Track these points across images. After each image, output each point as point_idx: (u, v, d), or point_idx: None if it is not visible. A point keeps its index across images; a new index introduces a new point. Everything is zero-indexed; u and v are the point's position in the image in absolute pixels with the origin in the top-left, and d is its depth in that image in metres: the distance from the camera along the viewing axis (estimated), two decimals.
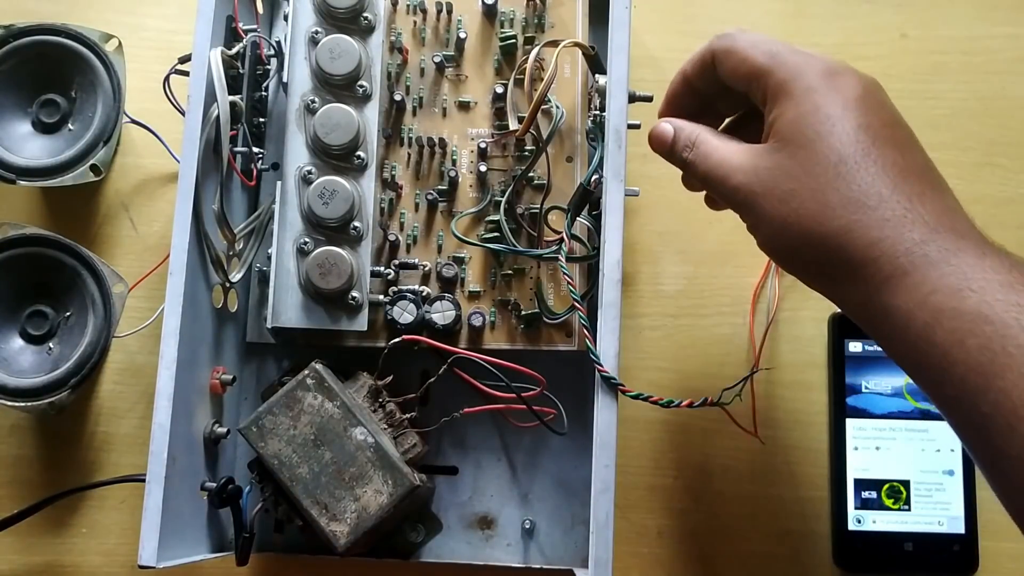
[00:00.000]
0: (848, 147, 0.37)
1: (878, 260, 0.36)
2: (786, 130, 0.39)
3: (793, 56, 0.40)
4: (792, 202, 0.38)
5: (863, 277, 0.36)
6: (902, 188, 0.36)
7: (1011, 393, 0.32)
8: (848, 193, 0.37)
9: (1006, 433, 0.32)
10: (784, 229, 0.39)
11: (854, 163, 0.37)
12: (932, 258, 0.35)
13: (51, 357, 0.54)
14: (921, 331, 0.34)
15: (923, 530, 0.53)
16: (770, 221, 0.39)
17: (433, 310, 0.51)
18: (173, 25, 0.60)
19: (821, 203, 0.37)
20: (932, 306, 0.34)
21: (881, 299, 0.36)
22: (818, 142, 0.38)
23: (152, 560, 0.44)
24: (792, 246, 0.39)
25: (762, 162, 0.40)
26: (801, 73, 0.39)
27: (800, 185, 0.38)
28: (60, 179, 0.54)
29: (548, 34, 0.53)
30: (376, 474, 0.47)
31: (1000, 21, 0.59)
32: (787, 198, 0.38)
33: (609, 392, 0.44)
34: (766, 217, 0.39)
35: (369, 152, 0.51)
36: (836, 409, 0.55)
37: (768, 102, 0.40)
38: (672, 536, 0.55)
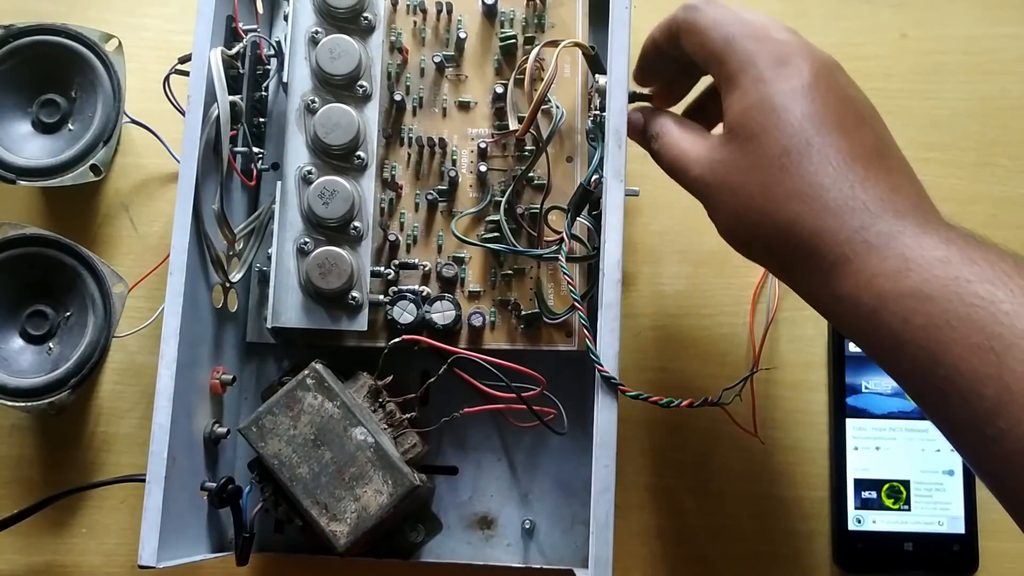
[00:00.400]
0: (791, 139, 0.38)
1: (821, 250, 0.37)
2: (735, 122, 0.40)
3: (746, 43, 0.40)
4: (741, 195, 0.40)
5: (810, 267, 0.38)
6: (844, 175, 0.37)
7: (959, 366, 0.33)
8: (791, 186, 0.38)
9: (960, 405, 0.33)
10: (737, 221, 0.40)
11: (796, 155, 0.38)
12: (872, 243, 0.36)
13: (51, 357, 0.54)
14: (869, 315, 0.35)
15: (923, 530, 0.53)
16: (724, 212, 0.41)
17: (433, 310, 0.51)
18: (173, 25, 0.60)
19: (767, 196, 0.38)
20: (876, 290, 0.35)
21: (829, 287, 0.37)
22: (762, 136, 0.39)
23: (152, 560, 0.44)
24: (746, 237, 0.41)
25: (715, 155, 0.41)
26: (751, 63, 0.40)
27: (747, 179, 0.39)
28: (60, 179, 0.54)
29: (548, 34, 0.53)
30: (376, 474, 0.47)
31: (1000, 21, 0.59)
32: (736, 191, 0.40)
33: (609, 392, 0.44)
34: (720, 208, 0.41)
35: (369, 152, 0.51)
36: (836, 409, 0.55)
37: (721, 89, 0.41)
38: (672, 536, 0.55)
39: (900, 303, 0.34)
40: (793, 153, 0.38)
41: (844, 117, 0.39)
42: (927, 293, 0.34)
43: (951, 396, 0.33)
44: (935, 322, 0.33)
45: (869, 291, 0.35)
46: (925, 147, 0.58)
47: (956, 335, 0.33)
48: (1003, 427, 0.32)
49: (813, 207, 0.37)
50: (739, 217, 0.40)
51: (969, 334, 0.32)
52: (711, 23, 0.41)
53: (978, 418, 0.33)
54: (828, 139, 0.38)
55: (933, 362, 0.33)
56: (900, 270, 0.35)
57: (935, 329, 0.33)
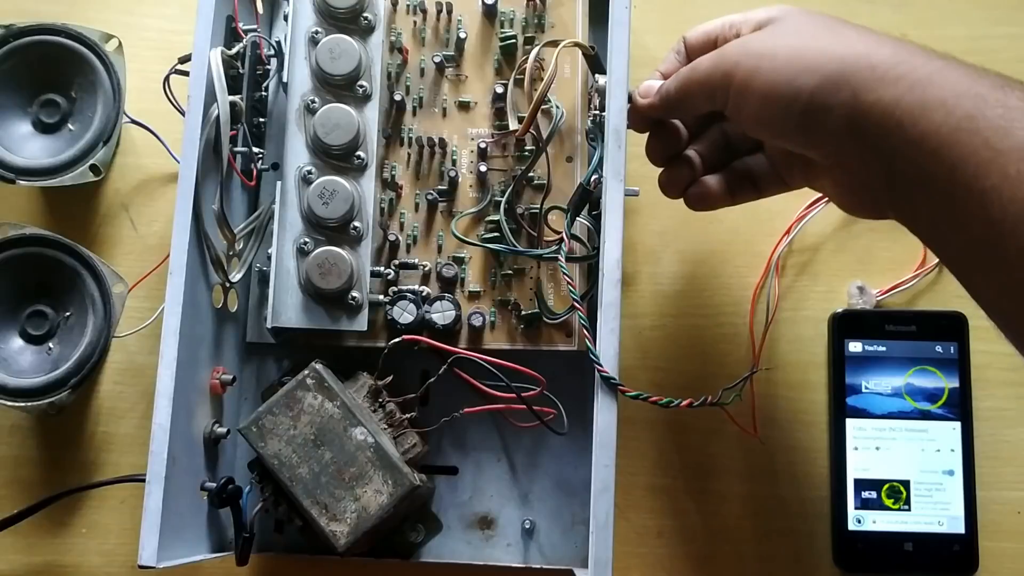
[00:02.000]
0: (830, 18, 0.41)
1: (909, 61, 0.37)
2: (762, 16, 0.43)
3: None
4: (798, 35, 0.41)
5: (895, 76, 0.37)
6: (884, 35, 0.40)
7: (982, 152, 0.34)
8: (852, 26, 0.40)
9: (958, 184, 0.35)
10: (788, 55, 0.40)
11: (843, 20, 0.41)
12: (962, 66, 0.37)
13: (51, 357, 0.54)
14: (966, 122, 0.35)
15: (923, 530, 0.53)
16: (772, 55, 0.40)
17: (433, 310, 0.51)
18: (173, 25, 0.60)
19: (831, 29, 0.40)
20: (976, 93, 0.35)
21: (915, 93, 0.36)
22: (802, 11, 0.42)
23: (152, 560, 0.44)
24: (800, 69, 0.39)
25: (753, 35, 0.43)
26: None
27: (801, 27, 0.41)
28: (60, 179, 0.54)
29: (548, 34, 0.53)
30: (376, 474, 0.47)
31: (1000, 21, 0.59)
32: (788, 35, 0.41)
33: (609, 392, 0.44)
34: (766, 52, 0.41)
35: (369, 152, 0.51)
36: (836, 409, 0.54)
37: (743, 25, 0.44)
38: (672, 536, 0.55)
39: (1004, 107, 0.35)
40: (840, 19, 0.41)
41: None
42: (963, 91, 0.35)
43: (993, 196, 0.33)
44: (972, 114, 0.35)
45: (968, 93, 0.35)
46: None
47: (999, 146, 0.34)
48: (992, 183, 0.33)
49: (887, 38, 0.39)
50: (796, 49, 0.40)
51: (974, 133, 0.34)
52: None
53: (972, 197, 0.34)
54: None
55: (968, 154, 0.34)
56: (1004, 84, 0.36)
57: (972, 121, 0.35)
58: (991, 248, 0.34)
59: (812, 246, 0.57)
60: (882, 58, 0.37)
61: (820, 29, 0.41)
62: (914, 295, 0.56)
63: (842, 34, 0.40)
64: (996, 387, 0.55)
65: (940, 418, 0.54)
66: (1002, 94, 0.35)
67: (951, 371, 0.54)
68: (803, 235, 0.57)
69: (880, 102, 0.37)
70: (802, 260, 0.57)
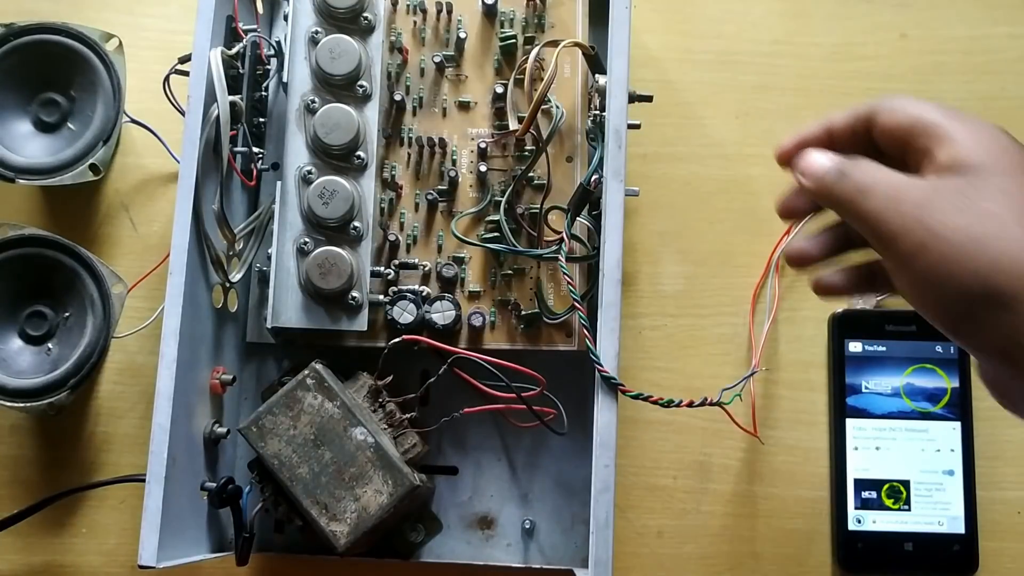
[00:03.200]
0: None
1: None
2: (956, 156, 0.35)
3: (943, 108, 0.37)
4: (975, 210, 0.34)
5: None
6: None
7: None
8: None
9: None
10: (965, 246, 0.34)
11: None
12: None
13: (50, 358, 0.54)
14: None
15: (923, 530, 0.53)
16: (946, 237, 0.34)
17: (433, 310, 0.51)
18: (173, 25, 0.60)
19: (1017, 211, 0.33)
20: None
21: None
22: (996, 157, 0.35)
23: (152, 560, 0.44)
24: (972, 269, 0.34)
25: (938, 181, 0.35)
26: (959, 119, 0.37)
27: (983, 195, 0.34)
28: (59, 178, 0.54)
29: (548, 34, 0.53)
30: (376, 474, 0.47)
31: (1000, 21, 0.59)
32: (967, 208, 0.34)
33: (609, 392, 0.44)
34: (940, 235, 0.34)
35: (369, 152, 0.51)
36: (836, 409, 0.54)
37: (931, 145, 0.36)
38: (672, 536, 0.55)
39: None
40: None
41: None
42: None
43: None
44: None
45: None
46: None
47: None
48: None
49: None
50: (975, 239, 0.33)
51: None
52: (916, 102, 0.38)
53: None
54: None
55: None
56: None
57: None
58: None
59: None
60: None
61: (1006, 199, 0.34)
62: None
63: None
64: None
65: (940, 418, 0.54)
66: None
67: (951, 371, 0.54)
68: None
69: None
70: None
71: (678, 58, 0.59)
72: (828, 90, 0.59)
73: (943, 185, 0.35)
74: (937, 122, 0.37)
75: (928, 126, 0.37)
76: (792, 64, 0.59)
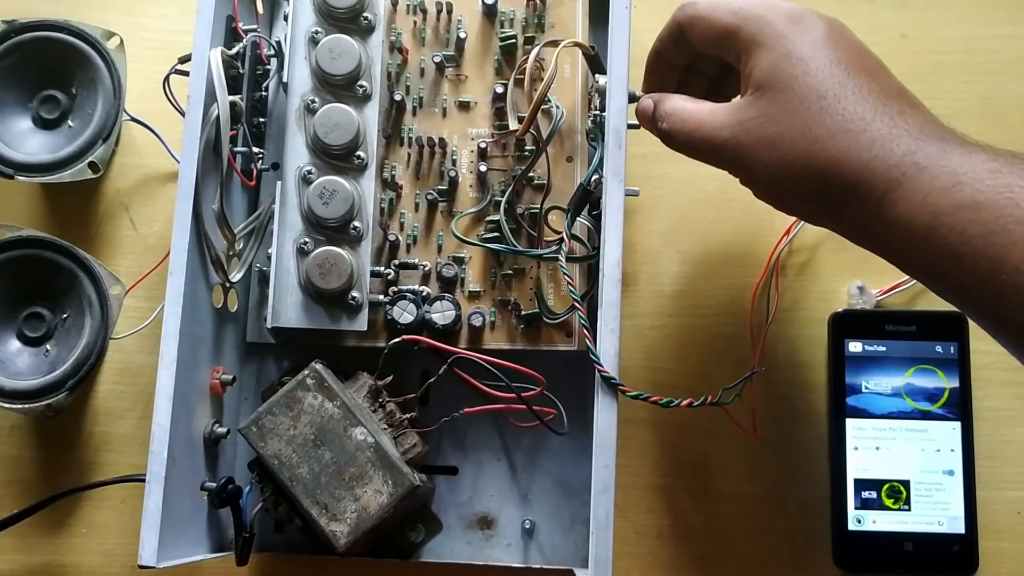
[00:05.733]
0: (825, 82, 0.39)
1: (872, 179, 0.38)
2: (763, 77, 0.41)
3: (755, 9, 0.42)
4: (782, 145, 0.40)
5: (861, 198, 0.38)
6: (883, 109, 0.39)
7: (1019, 267, 0.33)
8: (833, 123, 0.39)
9: (1022, 304, 0.34)
10: (779, 172, 0.40)
11: (833, 96, 0.39)
12: (922, 164, 0.37)
13: (48, 359, 0.54)
14: (924, 234, 0.36)
15: (923, 530, 0.53)
16: (765, 168, 0.41)
17: (433, 310, 0.51)
18: (173, 25, 0.60)
19: (810, 139, 0.39)
20: (929, 207, 0.36)
21: (882, 214, 0.38)
22: (796, 83, 0.40)
23: (152, 560, 0.44)
24: (789, 186, 0.40)
25: (744, 114, 0.41)
26: (767, 22, 0.41)
27: (786, 127, 0.40)
28: (58, 175, 0.54)
29: (548, 34, 0.53)
30: (376, 474, 0.47)
31: (1000, 21, 0.59)
32: (776, 142, 0.40)
33: (609, 392, 0.44)
34: (760, 165, 0.41)
35: (369, 152, 0.51)
36: (836, 409, 0.54)
37: (742, 56, 0.42)
38: (672, 536, 0.55)
39: (955, 215, 0.35)
40: (829, 95, 0.39)
41: (866, 62, 0.41)
42: (980, 202, 0.35)
43: (1012, 299, 0.34)
44: (991, 228, 0.34)
45: (923, 209, 0.36)
46: None
47: (1014, 237, 0.34)
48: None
49: (859, 140, 0.38)
50: (782, 167, 0.40)
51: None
52: (712, 6, 0.43)
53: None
54: (859, 80, 0.39)
55: (993, 268, 0.34)
56: (952, 184, 0.35)
57: (992, 235, 0.34)
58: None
59: (812, 246, 0.57)
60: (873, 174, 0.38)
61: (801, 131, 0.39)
62: (914, 295, 0.56)
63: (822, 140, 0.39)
64: (996, 387, 0.55)
65: (940, 418, 0.54)
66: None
67: (951, 371, 0.54)
68: (803, 235, 0.57)
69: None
70: (802, 260, 0.57)
71: None
72: None
73: (745, 116, 0.41)
74: (737, 38, 0.42)
75: (731, 43, 0.42)
76: None
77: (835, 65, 0.40)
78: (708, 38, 0.43)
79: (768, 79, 0.40)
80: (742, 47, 0.42)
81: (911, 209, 0.36)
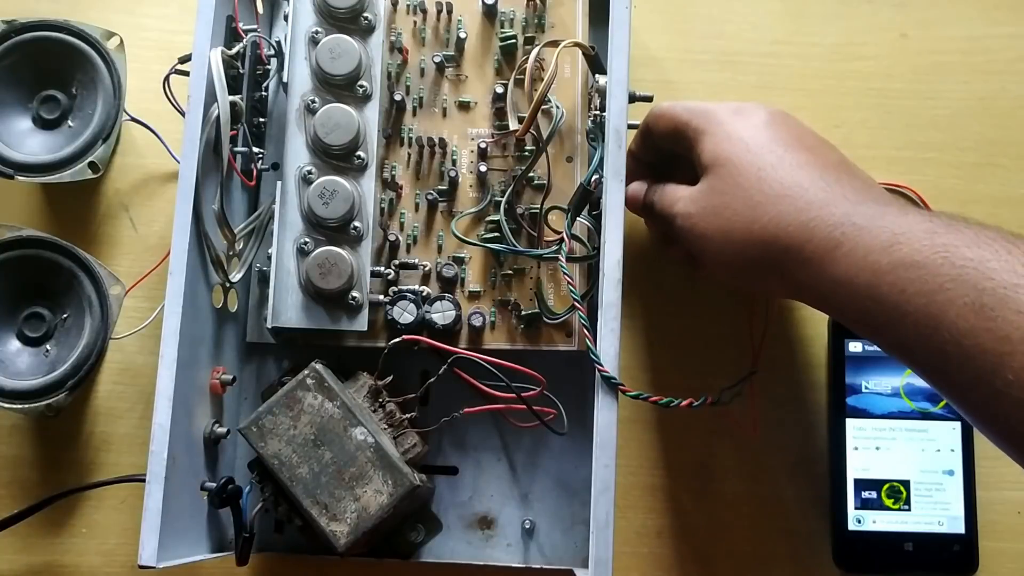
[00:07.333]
0: (764, 156, 0.42)
1: (812, 239, 0.39)
2: (708, 158, 0.44)
3: (705, 106, 0.46)
4: (725, 211, 0.43)
5: (804, 258, 0.40)
6: (821, 176, 0.41)
7: (958, 325, 0.34)
8: (772, 190, 0.41)
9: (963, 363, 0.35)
10: (724, 239, 0.43)
11: (771, 166, 0.42)
12: (860, 224, 0.38)
13: (48, 359, 0.54)
14: (866, 292, 0.37)
15: (923, 530, 0.53)
16: (710, 236, 0.43)
17: (433, 310, 0.51)
18: (173, 25, 0.60)
19: (750, 205, 0.42)
20: (870, 265, 0.37)
21: (824, 273, 0.39)
22: (736, 158, 0.43)
23: (152, 560, 0.44)
24: (734, 253, 0.43)
25: (696, 192, 0.45)
26: (712, 113, 0.45)
27: (729, 196, 0.43)
28: (58, 175, 0.54)
29: (548, 34, 0.53)
30: (376, 474, 0.47)
31: (1000, 21, 0.59)
32: (720, 209, 0.43)
33: (609, 392, 0.44)
34: (706, 233, 0.44)
35: (369, 152, 0.51)
36: (836, 409, 0.54)
37: (693, 147, 0.46)
38: (672, 536, 0.55)
39: (894, 274, 0.36)
40: (767, 166, 0.42)
41: (804, 140, 0.44)
42: (918, 261, 0.36)
43: (953, 357, 0.34)
44: (929, 287, 0.35)
45: (865, 267, 0.37)
46: (925, 147, 0.58)
47: (951, 295, 0.34)
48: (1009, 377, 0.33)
49: (797, 204, 0.40)
50: (726, 233, 0.43)
51: (963, 293, 0.34)
52: (671, 107, 0.47)
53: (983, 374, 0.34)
54: (796, 154, 0.42)
55: (933, 327, 0.35)
56: (891, 244, 0.37)
57: (930, 294, 0.35)
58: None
59: None
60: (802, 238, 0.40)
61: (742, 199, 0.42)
62: None
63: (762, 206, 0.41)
64: None
65: (940, 418, 0.54)
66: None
67: None
68: None
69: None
70: None
71: (678, 58, 0.59)
72: (828, 90, 0.59)
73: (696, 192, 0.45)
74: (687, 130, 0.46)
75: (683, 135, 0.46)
76: (792, 64, 0.59)
77: (773, 142, 0.43)
78: (666, 133, 0.47)
79: (712, 159, 0.44)
80: (692, 137, 0.45)
81: (853, 268, 0.38)
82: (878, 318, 0.37)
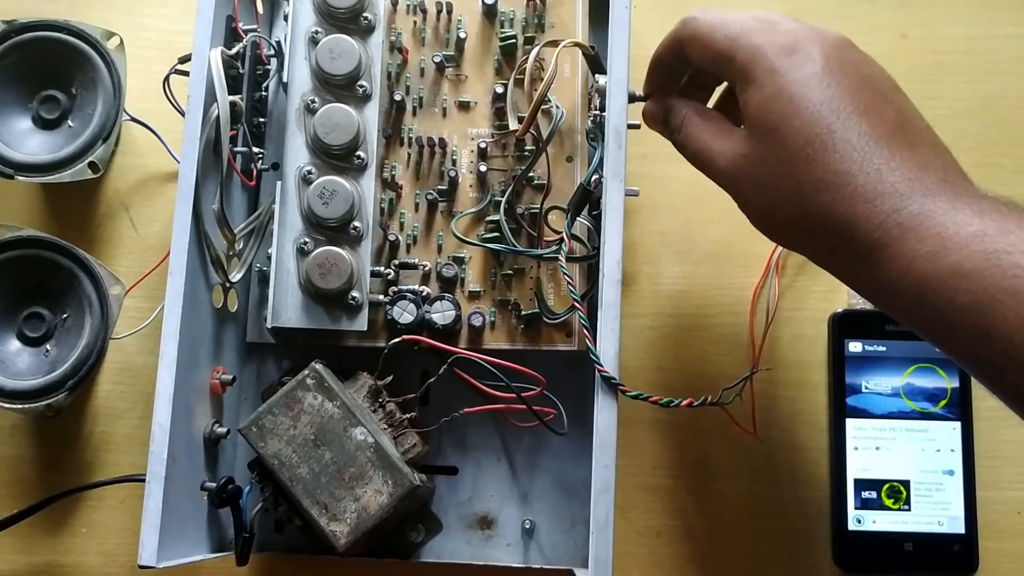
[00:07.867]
0: (812, 128, 0.38)
1: (856, 237, 0.37)
2: (754, 116, 0.40)
3: (752, 37, 0.40)
4: (769, 189, 0.40)
5: (848, 253, 0.38)
6: (870, 159, 0.37)
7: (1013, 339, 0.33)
8: (818, 176, 0.38)
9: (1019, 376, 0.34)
10: (767, 213, 0.41)
11: (820, 144, 0.38)
12: (906, 225, 0.36)
13: (48, 359, 0.54)
14: (914, 297, 0.36)
15: (923, 530, 0.53)
16: (755, 205, 0.41)
17: (433, 310, 0.51)
18: (173, 25, 0.60)
19: (795, 188, 0.39)
20: (916, 273, 0.35)
21: (869, 272, 0.37)
22: (783, 127, 0.39)
23: (152, 560, 0.44)
24: (778, 228, 0.41)
25: (740, 149, 0.41)
26: (760, 55, 0.40)
27: (773, 172, 0.39)
28: (58, 175, 0.54)
29: (548, 34, 0.53)
30: (376, 474, 0.47)
31: (1000, 21, 0.59)
32: (764, 185, 0.40)
33: (609, 392, 0.44)
34: (751, 202, 0.42)
35: (369, 152, 0.51)
36: (836, 409, 0.54)
37: (736, 86, 0.41)
38: (672, 536, 0.55)
39: (943, 283, 0.34)
40: (816, 143, 0.38)
41: (862, 97, 0.39)
42: (968, 269, 0.34)
43: (1009, 368, 0.34)
44: (980, 298, 0.34)
45: (910, 274, 0.35)
46: None
47: (1004, 308, 0.33)
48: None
49: (843, 195, 0.37)
50: (770, 210, 0.40)
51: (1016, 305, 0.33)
52: (712, 27, 0.42)
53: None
54: (849, 123, 0.38)
55: (986, 337, 0.34)
56: (937, 250, 0.35)
57: (981, 305, 0.34)
58: None
59: None
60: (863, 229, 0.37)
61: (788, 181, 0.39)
62: None
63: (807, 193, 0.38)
64: None
65: (940, 418, 0.54)
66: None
67: (951, 371, 0.54)
68: None
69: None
70: (802, 260, 0.57)
71: None
72: None
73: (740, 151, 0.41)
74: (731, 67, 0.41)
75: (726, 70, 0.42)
76: None
77: (825, 105, 0.38)
78: (705, 60, 0.43)
79: (759, 118, 0.40)
80: (736, 78, 0.41)
81: (898, 272, 0.36)
82: (928, 323, 0.36)
